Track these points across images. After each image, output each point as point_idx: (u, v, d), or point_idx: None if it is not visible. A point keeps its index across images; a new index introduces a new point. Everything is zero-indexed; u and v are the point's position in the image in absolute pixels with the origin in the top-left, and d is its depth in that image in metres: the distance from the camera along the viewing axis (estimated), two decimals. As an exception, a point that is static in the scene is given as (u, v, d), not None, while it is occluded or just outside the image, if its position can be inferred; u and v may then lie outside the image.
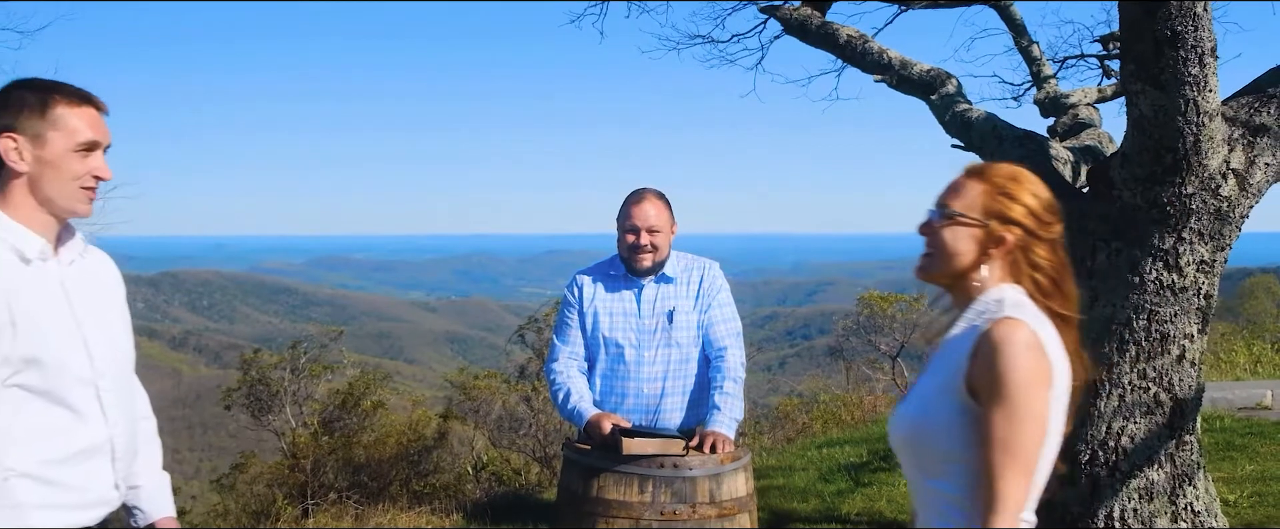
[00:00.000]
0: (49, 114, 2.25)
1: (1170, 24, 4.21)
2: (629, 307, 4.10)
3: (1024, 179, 2.15)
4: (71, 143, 2.27)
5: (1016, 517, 1.97)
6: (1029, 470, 1.97)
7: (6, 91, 2.27)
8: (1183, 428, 4.72)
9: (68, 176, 2.27)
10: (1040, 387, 1.96)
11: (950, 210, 2.15)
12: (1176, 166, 4.46)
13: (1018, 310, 2.03)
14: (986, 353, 1.98)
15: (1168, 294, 4.63)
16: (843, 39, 7.28)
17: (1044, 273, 2.11)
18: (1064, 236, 2.16)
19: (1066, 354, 2.07)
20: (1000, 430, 1.94)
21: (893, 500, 7.27)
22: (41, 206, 2.27)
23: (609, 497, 3.64)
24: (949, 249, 2.14)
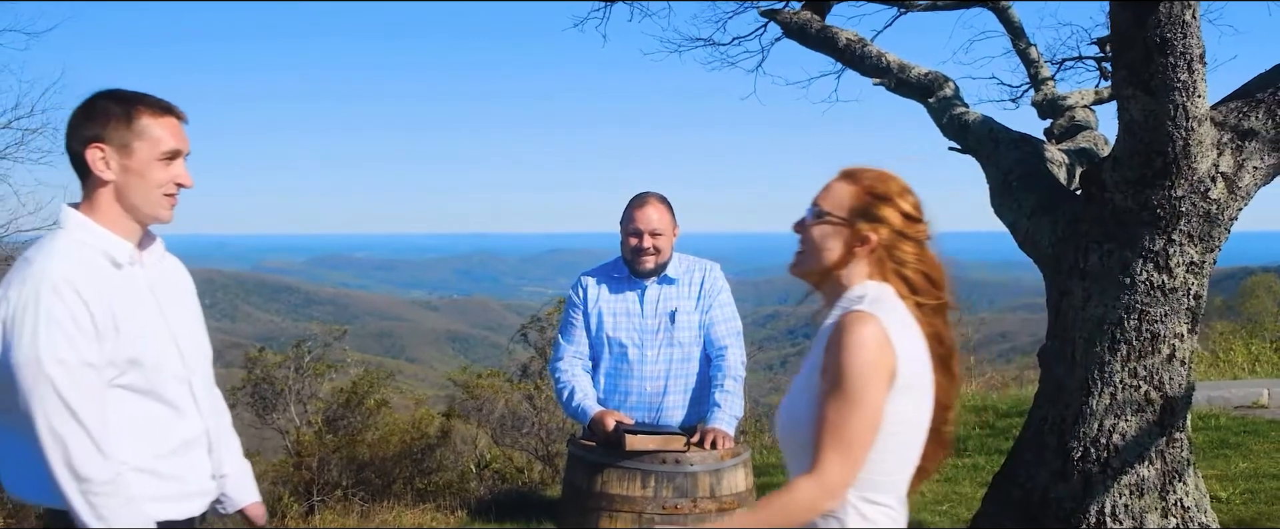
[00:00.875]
0: (134, 124, 2.33)
1: (1160, 31, 4.32)
2: (632, 307, 4.21)
3: (891, 181, 2.26)
4: (156, 152, 2.36)
5: (831, 493, 2.07)
6: (853, 455, 2.06)
7: (91, 103, 2.36)
8: (1173, 426, 4.82)
9: (152, 184, 2.36)
10: (877, 379, 2.06)
11: (819, 210, 2.27)
12: (1166, 170, 4.56)
13: (873, 306, 2.14)
14: (833, 343, 2.09)
15: (1158, 294, 4.73)
16: (842, 42, 7.38)
17: (910, 269, 2.22)
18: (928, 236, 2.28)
19: (932, 347, 2.20)
20: (831, 413, 2.06)
21: (891, 497, 7.37)
22: (127, 213, 2.36)
23: (612, 491, 3.75)
24: (817, 246, 2.26)
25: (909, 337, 2.15)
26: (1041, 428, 5.06)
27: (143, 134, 2.34)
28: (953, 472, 7.97)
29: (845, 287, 2.24)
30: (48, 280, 2.20)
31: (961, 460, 8.28)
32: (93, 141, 2.32)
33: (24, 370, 2.14)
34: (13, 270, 2.26)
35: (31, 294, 2.18)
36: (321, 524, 10.26)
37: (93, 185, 2.35)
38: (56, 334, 2.16)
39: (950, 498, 7.18)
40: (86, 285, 2.23)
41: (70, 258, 2.26)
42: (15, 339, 2.16)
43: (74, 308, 2.19)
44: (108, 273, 2.29)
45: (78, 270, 2.24)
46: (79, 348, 2.19)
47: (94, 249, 2.31)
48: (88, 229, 2.33)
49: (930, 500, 7.19)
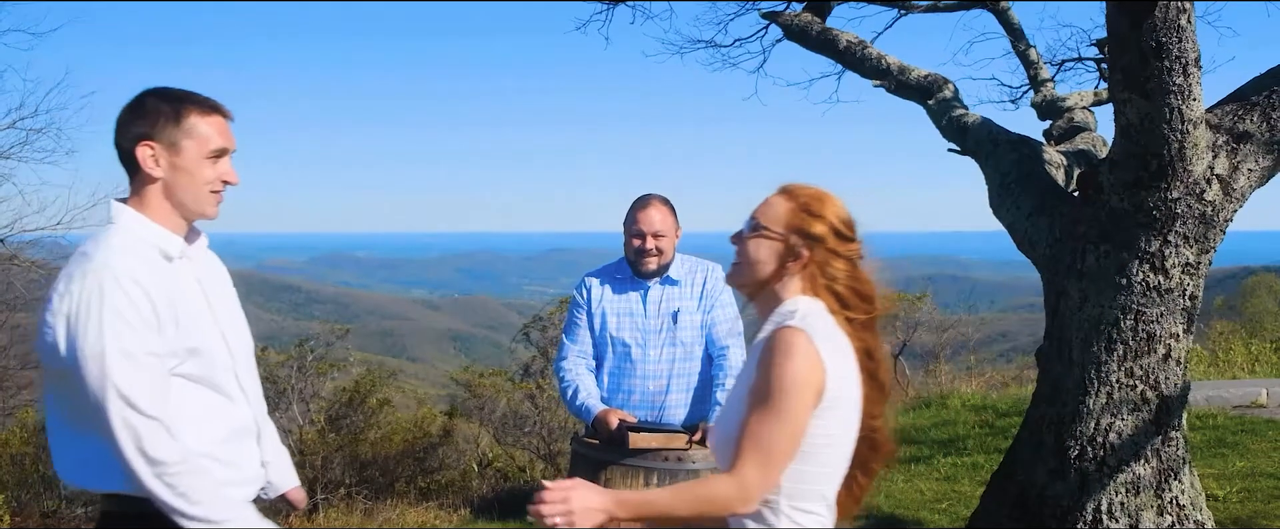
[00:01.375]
0: (183, 123, 2.39)
1: (1155, 36, 4.38)
2: (635, 307, 4.28)
3: (827, 200, 2.35)
4: (204, 150, 2.42)
5: (746, 499, 2.16)
6: (772, 465, 2.15)
7: (140, 101, 2.41)
8: (1169, 424, 4.87)
9: (200, 181, 2.42)
10: (803, 396, 2.15)
11: (756, 223, 2.36)
12: (1162, 172, 4.63)
13: (804, 321, 2.21)
14: (764, 356, 2.18)
15: (1154, 295, 4.79)
16: (842, 45, 7.45)
17: (841, 285, 2.30)
18: (861, 255, 2.37)
19: (861, 361, 2.29)
20: (755, 423, 2.15)
21: (891, 495, 7.43)
22: (175, 210, 2.42)
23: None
24: (752, 259, 2.35)
25: (838, 352, 2.24)
26: (1039, 427, 5.12)
27: (191, 132, 2.40)
28: (952, 470, 8.03)
29: (779, 300, 2.33)
30: (110, 273, 2.25)
31: (961, 459, 8.34)
32: (142, 139, 2.38)
33: (91, 363, 2.19)
34: (70, 265, 2.30)
35: (95, 287, 2.23)
36: (325, 523, 10.33)
37: (141, 182, 2.41)
38: (121, 326, 2.21)
39: (949, 496, 7.24)
40: (146, 278, 2.29)
41: (128, 252, 2.31)
42: (80, 332, 2.20)
43: (137, 300, 2.25)
44: (162, 266, 2.35)
45: (137, 264, 2.30)
46: (144, 339, 2.24)
47: (147, 243, 2.36)
48: (141, 224, 2.39)
49: (930, 498, 7.26)
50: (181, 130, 2.39)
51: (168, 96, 2.42)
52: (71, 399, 2.28)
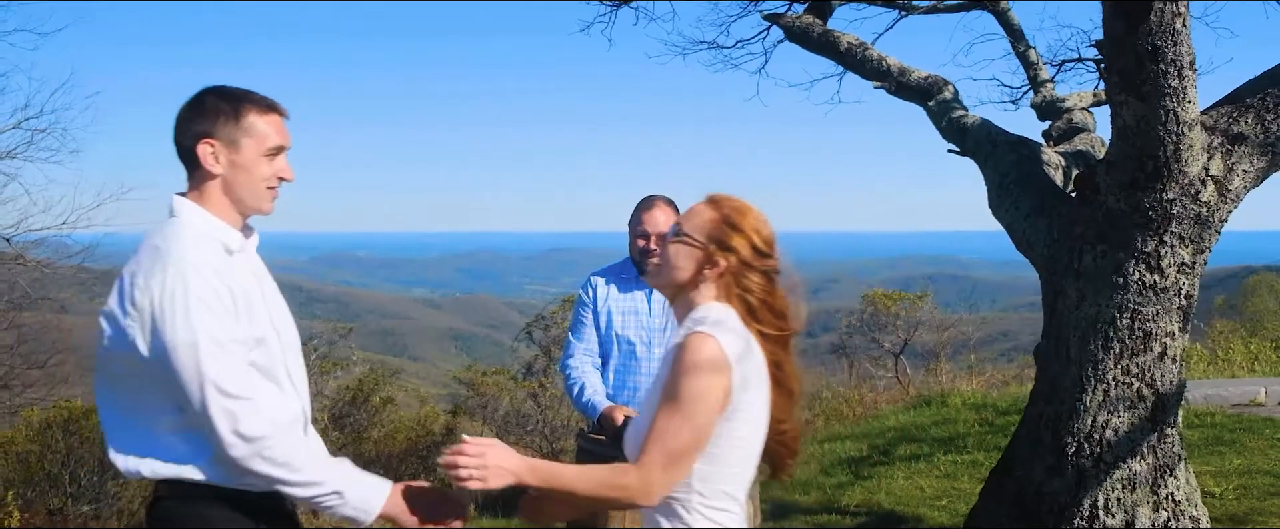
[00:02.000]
0: (242, 121, 2.46)
1: (1151, 39, 4.45)
2: (640, 307, 4.36)
3: (748, 213, 2.45)
4: (262, 148, 2.49)
5: (647, 494, 2.27)
6: (676, 464, 2.26)
7: (200, 100, 2.48)
8: (1165, 421, 4.95)
9: (257, 178, 2.49)
10: (709, 400, 2.25)
11: (679, 229, 2.46)
12: (1158, 173, 4.70)
13: (715, 328, 2.31)
14: (675, 360, 2.27)
15: (1150, 294, 4.87)
16: (843, 46, 7.52)
17: (754, 297, 2.39)
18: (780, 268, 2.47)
19: (770, 371, 2.39)
20: (662, 422, 2.25)
21: (892, 493, 7.51)
22: (233, 205, 2.49)
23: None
24: (672, 263, 2.45)
25: (747, 359, 2.33)
26: (1037, 424, 5.20)
27: (250, 130, 2.47)
28: (952, 468, 8.11)
29: (694, 305, 2.43)
30: (190, 265, 2.32)
31: (961, 457, 8.41)
32: (203, 137, 2.44)
33: (182, 351, 2.26)
34: (142, 259, 2.36)
35: (177, 278, 2.29)
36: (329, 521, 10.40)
37: (201, 178, 2.48)
38: (207, 315, 2.29)
39: (949, 493, 7.31)
40: (220, 269, 2.37)
41: (199, 244, 2.39)
42: (167, 323, 2.27)
43: (218, 289, 2.33)
44: (226, 259, 2.43)
45: (209, 256, 2.38)
46: (227, 327, 2.32)
47: (210, 237, 2.43)
48: (203, 218, 2.46)
49: (930, 496, 7.33)
50: (241, 128, 2.46)
51: (227, 95, 2.49)
52: (138, 389, 2.35)
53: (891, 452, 8.92)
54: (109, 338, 2.36)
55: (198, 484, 2.36)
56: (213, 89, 2.51)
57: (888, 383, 15.62)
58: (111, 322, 2.35)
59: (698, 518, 2.31)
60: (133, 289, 2.32)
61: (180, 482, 2.36)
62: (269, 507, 2.45)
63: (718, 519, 2.32)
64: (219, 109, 2.46)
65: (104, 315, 2.37)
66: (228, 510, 2.38)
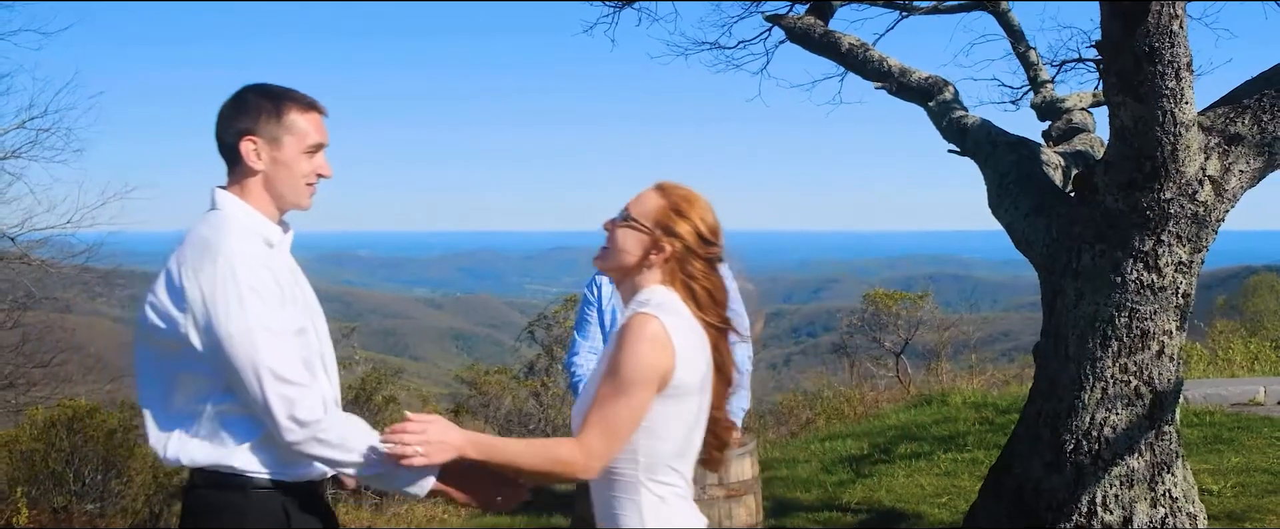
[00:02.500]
0: (284, 119, 2.52)
1: (1148, 41, 4.51)
2: None
3: (695, 202, 2.54)
4: (303, 145, 2.55)
5: (587, 465, 2.35)
6: (614, 437, 2.35)
7: (243, 98, 2.53)
8: (1162, 419, 5.00)
9: (298, 174, 2.55)
10: (649, 379, 2.34)
11: (627, 214, 2.55)
12: (1155, 173, 4.76)
13: (659, 309, 2.40)
14: (620, 339, 2.37)
15: (1148, 293, 4.92)
16: (844, 47, 7.57)
17: (698, 284, 2.49)
18: (720, 258, 2.56)
19: (710, 354, 2.47)
20: (603, 397, 2.34)
21: (892, 490, 7.57)
22: (273, 201, 2.55)
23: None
24: (619, 247, 2.54)
25: (690, 340, 2.42)
26: (1035, 422, 5.26)
27: (291, 128, 2.53)
28: (952, 466, 8.16)
29: (639, 288, 2.52)
30: (239, 256, 2.37)
31: (961, 455, 8.47)
32: (246, 134, 2.50)
33: (237, 340, 2.31)
34: (192, 250, 2.41)
35: (227, 269, 2.35)
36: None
37: (242, 173, 2.53)
38: (259, 304, 2.35)
39: (949, 491, 7.37)
40: (265, 260, 2.43)
41: (244, 237, 2.45)
42: (220, 313, 2.32)
43: (267, 279, 2.39)
44: (267, 251, 2.49)
45: (255, 248, 2.44)
46: (278, 315, 2.38)
47: (252, 231, 2.49)
48: (245, 212, 2.51)
49: (930, 493, 7.39)
50: (282, 126, 2.52)
51: (269, 94, 2.54)
52: (181, 378, 2.41)
53: (892, 450, 8.97)
54: (153, 328, 2.41)
55: (234, 473, 2.42)
56: (254, 87, 2.57)
57: (888, 382, 15.67)
58: (158, 312, 2.40)
59: (645, 493, 2.41)
60: (181, 280, 2.37)
61: (217, 470, 2.42)
62: (304, 496, 2.51)
63: (663, 494, 2.42)
64: (261, 107, 2.52)
65: (149, 305, 2.42)
66: (262, 499, 2.44)
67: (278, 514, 2.45)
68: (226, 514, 2.43)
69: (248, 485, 2.43)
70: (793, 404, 15.04)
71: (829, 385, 15.48)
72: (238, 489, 2.43)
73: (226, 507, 2.44)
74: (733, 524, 3.96)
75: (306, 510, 2.50)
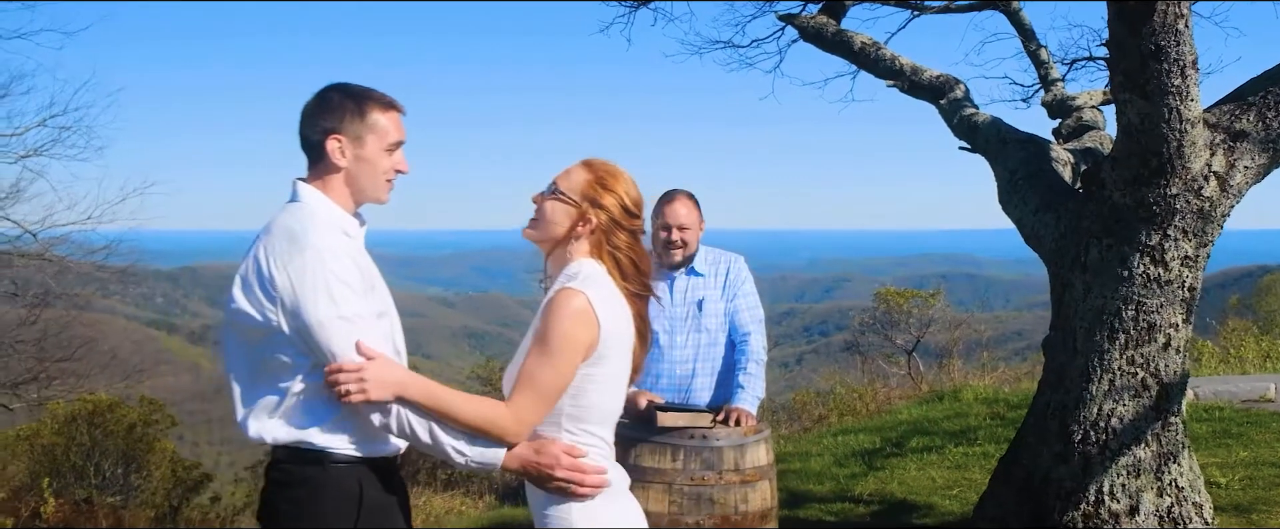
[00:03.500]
0: (366, 118, 2.65)
1: (1154, 39, 4.62)
2: (662, 297, 4.54)
3: (619, 177, 2.73)
4: (384, 143, 2.68)
5: (519, 430, 2.56)
6: (542, 402, 2.56)
7: (327, 97, 2.67)
8: (1168, 410, 5.11)
9: (378, 171, 2.69)
10: (574, 349, 2.53)
11: (555, 187, 2.73)
12: (1161, 169, 4.86)
13: (585, 283, 2.58)
14: (547, 309, 2.55)
15: (1154, 286, 5.03)
16: (856, 46, 7.69)
17: (623, 255, 2.68)
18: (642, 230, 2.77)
19: (634, 326, 2.69)
20: (531, 365, 2.53)
21: (903, 482, 7.68)
22: (352, 195, 2.69)
23: (645, 464, 4.08)
24: (548, 218, 2.72)
25: (614, 310, 2.61)
26: (1044, 413, 5.37)
27: (373, 127, 2.66)
28: (963, 459, 8.27)
29: (568, 260, 2.71)
30: (326, 247, 2.51)
31: (972, 448, 8.58)
32: (331, 133, 2.63)
33: (326, 327, 2.46)
34: (278, 241, 2.53)
35: (316, 260, 2.48)
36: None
37: (324, 168, 2.67)
38: (346, 293, 2.49)
39: (960, 483, 7.48)
40: (349, 249, 2.57)
41: (328, 228, 2.58)
42: (308, 301, 2.46)
43: (351, 269, 2.53)
44: (347, 241, 2.62)
45: (338, 238, 2.58)
46: (361, 303, 2.52)
47: (333, 223, 2.62)
48: (325, 204, 2.65)
49: (941, 485, 7.50)
50: (365, 125, 2.65)
51: (351, 93, 2.67)
52: (265, 361, 2.54)
53: (904, 444, 9.08)
54: (241, 314, 2.54)
55: (314, 449, 2.56)
56: (338, 87, 2.70)
57: (900, 380, 15.76)
58: (247, 299, 2.53)
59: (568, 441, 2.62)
60: (271, 270, 2.50)
61: (297, 447, 2.56)
62: (379, 471, 2.64)
63: (590, 443, 2.66)
64: (345, 106, 2.65)
65: (237, 293, 2.56)
66: (339, 473, 2.57)
67: (353, 488, 2.58)
68: (305, 487, 2.57)
69: (326, 460, 2.56)
70: (805, 400, 15.16)
71: (841, 382, 15.58)
72: (316, 464, 2.56)
73: (306, 480, 2.57)
74: (748, 508, 4.08)
75: (381, 484, 2.64)
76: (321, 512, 2.56)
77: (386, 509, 2.66)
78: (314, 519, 2.56)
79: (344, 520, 2.56)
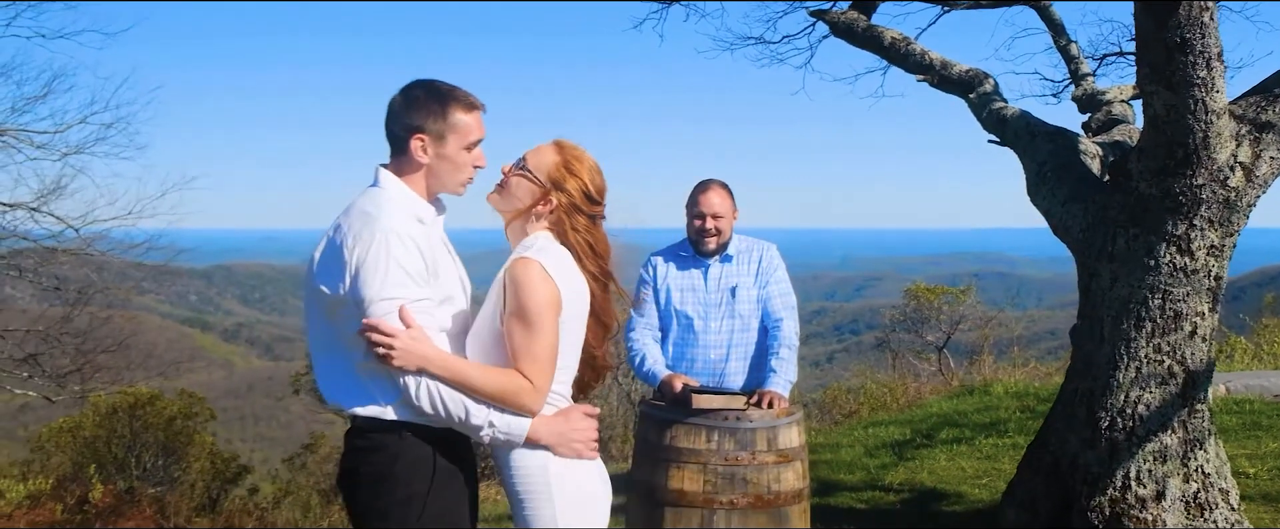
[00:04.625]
0: (449, 118, 2.80)
1: (1180, 32, 4.71)
2: (697, 283, 4.68)
3: (585, 162, 2.90)
4: (464, 142, 2.83)
5: (539, 398, 2.73)
6: (547, 367, 2.71)
7: (412, 95, 2.82)
8: (1195, 397, 5.19)
9: (457, 168, 2.85)
10: (551, 311, 2.70)
11: (523, 164, 2.90)
12: (1187, 160, 4.95)
13: (539, 253, 2.75)
14: (509, 286, 2.71)
15: (1181, 276, 5.12)
16: (887, 41, 7.78)
17: (581, 236, 2.85)
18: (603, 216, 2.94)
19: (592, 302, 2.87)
20: (521, 341, 2.69)
21: (933, 472, 7.77)
22: (430, 188, 2.86)
23: (680, 445, 4.22)
24: (512, 192, 2.89)
25: (568, 275, 2.79)
26: (1072, 400, 5.46)
27: (455, 127, 2.81)
28: (993, 450, 8.35)
29: (526, 233, 2.88)
30: (393, 230, 2.67)
31: (1002, 440, 8.66)
32: (415, 131, 2.79)
33: (374, 305, 2.62)
34: (355, 221, 2.70)
35: (382, 242, 2.64)
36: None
37: (406, 161, 2.83)
38: (402, 277, 2.64)
39: (990, 473, 7.57)
40: (417, 235, 2.72)
41: (401, 214, 2.74)
42: (365, 279, 2.63)
43: (414, 254, 2.68)
44: (419, 228, 2.78)
45: (409, 224, 2.73)
46: (418, 288, 2.68)
47: (408, 209, 2.78)
48: (403, 192, 2.81)
49: (970, 475, 7.59)
50: (448, 124, 2.81)
51: (436, 93, 2.83)
52: (338, 332, 2.71)
53: (934, 435, 9.17)
54: (318, 290, 2.73)
55: (391, 419, 2.73)
56: (423, 85, 2.84)
57: (930, 375, 15.80)
58: (323, 275, 2.72)
59: None
60: (343, 247, 2.67)
61: (374, 417, 2.73)
62: (451, 441, 2.79)
63: (552, 402, 2.81)
64: (429, 105, 2.80)
65: (315, 269, 2.74)
66: (413, 442, 2.74)
67: (426, 456, 2.74)
68: (381, 455, 2.74)
69: (401, 430, 2.73)
70: (836, 395, 15.24)
71: (872, 378, 15.64)
72: (393, 433, 2.73)
73: (382, 448, 2.74)
74: (781, 488, 4.21)
75: (453, 454, 2.79)
76: (397, 477, 2.73)
77: (457, 476, 2.82)
78: (390, 484, 2.73)
79: (418, 486, 2.73)
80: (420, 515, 2.71)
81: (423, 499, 2.72)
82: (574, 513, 2.79)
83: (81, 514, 10.88)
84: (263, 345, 79.51)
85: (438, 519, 2.74)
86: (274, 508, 13.92)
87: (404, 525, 2.71)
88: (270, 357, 72.48)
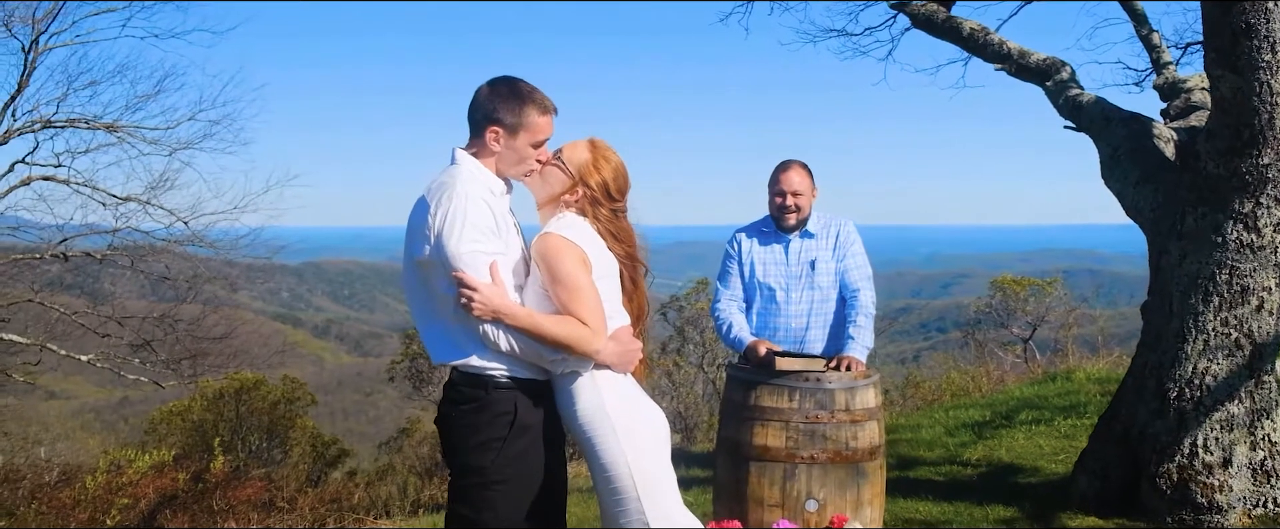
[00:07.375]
0: (524, 117, 3.18)
1: (1244, 18, 4.93)
2: (779, 257, 5.02)
3: (611, 162, 3.31)
4: (532, 139, 3.21)
5: (597, 341, 3.11)
6: (598, 315, 3.12)
7: (497, 89, 3.19)
8: (1261, 369, 5.39)
9: (521, 160, 3.24)
10: (580, 270, 3.11)
11: (559, 155, 3.31)
12: (1253, 141, 5.16)
13: (558, 227, 3.17)
14: (539, 261, 3.14)
15: (1247, 252, 5.32)
16: (966, 31, 8.02)
17: (603, 225, 3.25)
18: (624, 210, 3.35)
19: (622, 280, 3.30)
20: (566, 303, 3.09)
21: (1011, 449, 7.99)
22: (497, 170, 3.25)
23: (764, 404, 4.56)
24: (546, 179, 3.30)
25: (589, 239, 3.19)
26: (1142, 372, 5.69)
27: (528, 126, 3.20)
28: (1071, 430, 8.52)
29: (553, 216, 3.28)
30: (469, 195, 3.06)
31: (1081, 421, 8.81)
32: (492, 123, 3.18)
33: (463, 259, 3.01)
34: (437, 190, 3.09)
35: (460, 205, 3.04)
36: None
37: (480, 145, 3.22)
38: (477, 233, 3.03)
39: (1067, 450, 7.76)
40: (489, 200, 3.13)
41: (476, 184, 3.14)
42: (448, 236, 3.02)
43: (486, 214, 3.08)
44: (491, 197, 3.18)
45: (483, 191, 3.13)
46: (490, 245, 3.07)
47: (481, 181, 3.18)
48: (477, 168, 3.21)
49: (1048, 452, 7.79)
50: (522, 122, 3.18)
51: (518, 92, 3.20)
52: (431, 291, 3.11)
53: (1014, 417, 9.35)
54: (413, 252, 3.14)
55: (478, 372, 3.14)
56: (508, 82, 3.22)
57: (1014, 365, 15.82)
58: (415, 237, 3.12)
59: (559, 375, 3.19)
60: (427, 213, 3.08)
61: (465, 369, 3.15)
62: (534, 393, 3.19)
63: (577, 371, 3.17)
64: (510, 103, 3.18)
65: (410, 232, 3.15)
66: (500, 394, 3.14)
67: (509, 407, 3.14)
68: (471, 405, 3.15)
69: (490, 383, 3.14)
70: (918, 379, 15.37)
71: (956, 367, 15.72)
72: (481, 385, 3.14)
73: (471, 398, 3.15)
74: (858, 445, 4.52)
75: (536, 404, 3.19)
76: (481, 424, 3.14)
77: (535, 427, 3.20)
78: (475, 430, 3.15)
79: (498, 432, 3.14)
80: (495, 458, 3.12)
81: (500, 444, 3.12)
82: (636, 441, 3.17)
83: (201, 484, 11.54)
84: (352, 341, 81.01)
85: (509, 462, 3.13)
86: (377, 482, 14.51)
87: (481, 463, 3.13)
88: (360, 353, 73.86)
